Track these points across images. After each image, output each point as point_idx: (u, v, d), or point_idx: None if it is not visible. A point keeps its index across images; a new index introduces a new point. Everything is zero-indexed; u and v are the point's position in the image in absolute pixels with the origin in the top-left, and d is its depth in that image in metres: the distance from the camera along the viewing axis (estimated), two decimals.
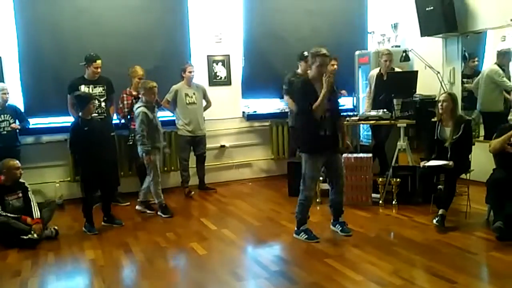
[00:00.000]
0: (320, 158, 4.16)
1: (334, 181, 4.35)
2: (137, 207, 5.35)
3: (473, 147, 4.65)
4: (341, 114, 4.54)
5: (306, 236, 4.21)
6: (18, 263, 3.93)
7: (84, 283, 3.61)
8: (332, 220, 4.50)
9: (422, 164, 4.65)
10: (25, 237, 4.29)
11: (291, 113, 5.87)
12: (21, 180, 4.64)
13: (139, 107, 5.04)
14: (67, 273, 3.78)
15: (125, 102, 5.70)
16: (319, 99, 3.98)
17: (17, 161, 4.65)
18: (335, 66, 6.10)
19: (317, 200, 5.43)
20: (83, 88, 5.46)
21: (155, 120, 5.08)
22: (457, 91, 6.11)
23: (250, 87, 6.81)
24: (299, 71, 5.94)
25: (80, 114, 4.67)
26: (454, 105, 4.59)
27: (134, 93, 5.65)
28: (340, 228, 4.39)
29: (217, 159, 6.78)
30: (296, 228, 4.30)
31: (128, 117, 5.72)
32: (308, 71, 4.23)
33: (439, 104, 4.63)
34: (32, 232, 4.35)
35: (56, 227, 4.58)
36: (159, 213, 5.17)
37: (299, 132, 4.31)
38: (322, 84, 3.99)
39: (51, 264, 3.94)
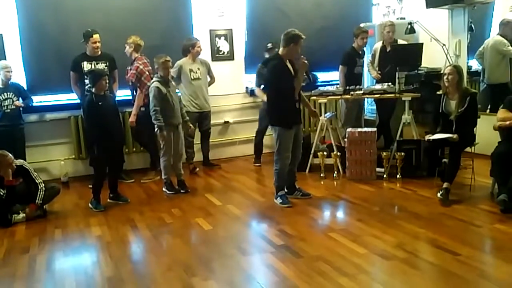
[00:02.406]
0: (293, 130, 4.49)
1: (296, 151, 4.62)
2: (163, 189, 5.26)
3: (478, 120, 4.61)
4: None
5: (281, 201, 4.54)
6: (26, 240, 3.98)
7: (91, 259, 3.65)
8: (288, 191, 4.69)
9: (426, 137, 4.62)
10: (13, 216, 4.35)
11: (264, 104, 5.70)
12: (18, 163, 4.50)
13: (153, 82, 5.00)
14: (75, 249, 3.82)
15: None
16: (299, 78, 4.41)
17: (9, 156, 4.40)
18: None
19: (321, 175, 5.44)
20: (86, 65, 5.43)
21: (169, 96, 4.96)
22: (463, 63, 6.04)
23: (253, 62, 6.72)
24: None
25: (93, 90, 4.65)
26: (460, 78, 4.53)
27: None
28: (301, 193, 4.72)
29: (221, 135, 6.78)
30: (275, 194, 4.62)
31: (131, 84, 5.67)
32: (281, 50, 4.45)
33: (444, 77, 4.57)
34: (21, 212, 4.40)
35: (45, 207, 4.59)
36: (164, 189, 5.20)
37: (275, 109, 4.49)
38: (293, 62, 4.45)
39: (58, 240, 3.99)
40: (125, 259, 3.58)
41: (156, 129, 4.97)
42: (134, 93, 5.65)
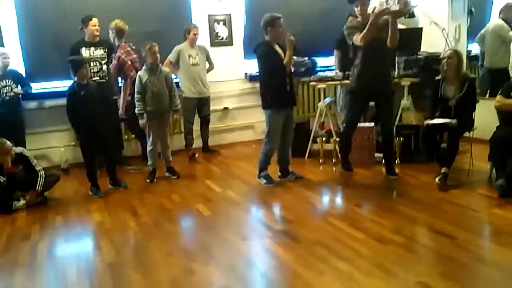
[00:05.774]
0: (284, 112, 4.58)
1: (287, 135, 4.71)
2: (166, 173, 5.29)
3: (477, 105, 4.61)
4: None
5: (265, 181, 4.70)
6: (27, 227, 4.02)
7: (92, 245, 3.70)
8: (282, 175, 4.84)
9: (425, 122, 4.63)
10: (14, 203, 4.39)
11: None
12: (17, 150, 4.51)
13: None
14: (75, 235, 3.86)
15: None
16: (287, 56, 4.45)
17: (8, 144, 4.43)
18: None
19: (320, 160, 5.45)
20: (84, 51, 5.40)
21: (149, 84, 4.88)
22: (463, 48, 6.01)
23: (252, 47, 6.67)
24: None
25: (75, 79, 4.61)
26: (459, 63, 4.52)
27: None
28: (294, 176, 4.82)
29: (220, 121, 6.78)
30: (258, 173, 4.77)
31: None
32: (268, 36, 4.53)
33: (444, 61, 4.55)
34: (21, 199, 4.43)
35: (45, 194, 4.62)
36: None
37: (266, 91, 4.58)
38: (281, 45, 4.50)
39: (59, 227, 4.03)
40: (126, 245, 3.62)
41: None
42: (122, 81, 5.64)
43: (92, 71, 5.23)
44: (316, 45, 6.72)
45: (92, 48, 5.46)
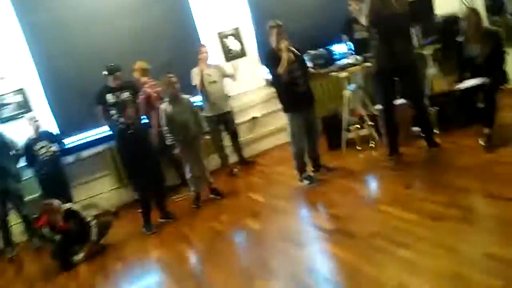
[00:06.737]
0: (301, 114, 4.64)
1: (312, 133, 4.76)
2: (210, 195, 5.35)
3: (507, 57, 4.41)
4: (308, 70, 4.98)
5: (307, 181, 4.74)
6: (91, 278, 4.14)
7: (155, 282, 3.76)
8: (314, 169, 4.90)
9: (456, 87, 4.48)
10: (73, 258, 4.51)
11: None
12: (65, 207, 4.66)
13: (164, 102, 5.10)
14: (138, 276, 3.94)
15: None
16: (281, 65, 4.44)
17: (56, 202, 4.60)
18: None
19: (358, 148, 5.36)
20: (110, 97, 5.55)
21: (175, 114, 4.96)
22: (479, 3, 5.77)
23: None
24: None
25: (121, 119, 4.83)
26: (478, 20, 4.36)
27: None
28: (326, 169, 4.90)
29: (251, 131, 6.78)
30: (299, 177, 4.80)
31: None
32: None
33: (464, 21, 4.41)
34: (79, 253, 4.55)
35: (101, 242, 4.72)
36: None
37: (280, 96, 4.71)
38: (290, 49, 4.50)
39: (121, 271, 4.12)
40: (187, 276, 3.66)
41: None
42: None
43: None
44: (327, 35, 6.65)
45: (118, 92, 5.59)
